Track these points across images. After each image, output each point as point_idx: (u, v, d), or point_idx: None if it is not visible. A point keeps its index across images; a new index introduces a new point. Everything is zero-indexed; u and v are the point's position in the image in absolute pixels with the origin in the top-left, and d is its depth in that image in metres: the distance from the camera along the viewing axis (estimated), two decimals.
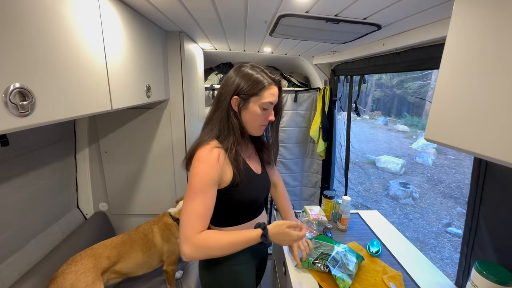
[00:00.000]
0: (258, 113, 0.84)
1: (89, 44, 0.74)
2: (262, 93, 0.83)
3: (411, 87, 10.32)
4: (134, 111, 1.50)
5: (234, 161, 0.83)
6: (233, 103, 0.84)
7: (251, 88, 0.82)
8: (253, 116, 0.85)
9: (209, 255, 0.77)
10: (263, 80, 0.83)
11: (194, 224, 0.74)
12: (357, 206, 5.22)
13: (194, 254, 0.74)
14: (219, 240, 0.76)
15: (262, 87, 0.82)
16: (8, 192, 1.05)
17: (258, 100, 0.83)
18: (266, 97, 0.83)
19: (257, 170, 0.95)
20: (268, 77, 0.84)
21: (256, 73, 0.84)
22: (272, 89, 0.84)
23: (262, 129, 0.91)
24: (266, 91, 0.83)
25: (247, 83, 0.82)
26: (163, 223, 1.40)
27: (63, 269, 1.07)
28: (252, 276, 0.97)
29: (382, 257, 1.11)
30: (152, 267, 1.37)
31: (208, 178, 0.77)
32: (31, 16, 0.54)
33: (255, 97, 0.83)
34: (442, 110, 0.57)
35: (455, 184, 5.93)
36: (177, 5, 0.95)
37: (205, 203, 0.77)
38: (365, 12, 0.89)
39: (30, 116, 0.53)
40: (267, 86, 0.83)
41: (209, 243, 0.75)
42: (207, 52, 1.99)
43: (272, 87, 0.84)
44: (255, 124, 0.87)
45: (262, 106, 0.83)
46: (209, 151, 0.78)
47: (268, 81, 0.83)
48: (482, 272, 0.73)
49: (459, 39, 0.54)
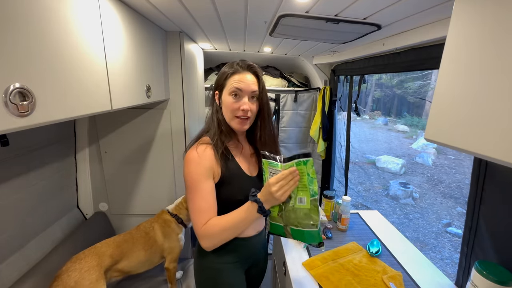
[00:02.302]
0: (229, 101, 0.83)
1: (89, 44, 0.74)
2: (228, 81, 0.83)
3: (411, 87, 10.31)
4: (134, 111, 1.50)
5: (221, 157, 0.83)
6: (216, 99, 0.88)
7: (222, 78, 0.85)
8: (226, 106, 0.85)
9: (222, 239, 0.80)
10: (230, 69, 0.84)
11: (199, 220, 0.79)
12: (357, 206, 5.22)
13: (209, 243, 0.79)
14: (222, 224, 0.79)
15: (227, 74, 0.84)
16: (8, 192, 1.05)
17: (227, 88, 0.84)
18: (231, 83, 0.83)
19: (250, 172, 0.92)
20: (238, 65, 0.85)
21: (232, 63, 0.86)
22: (238, 75, 0.83)
23: (240, 122, 0.85)
24: (232, 78, 0.83)
25: (220, 75, 0.86)
26: (163, 220, 1.42)
27: (67, 267, 1.08)
28: (239, 278, 0.95)
29: (382, 257, 1.11)
30: (153, 264, 1.38)
31: (196, 174, 0.80)
32: (31, 16, 0.54)
33: (225, 87, 0.84)
34: (442, 110, 0.57)
35: (455, 184, 5.93)
36: (177, 5, 0.95)
37: (203, 197, 0.80)
38: (365, 12, 0.89)
39: (30, 116, 0.53)
40: (232, 72, 0.83)
41: (215, 230, 0.78)
42: (207, 52, 1.98)
43: (238, 73, 0.83)
44: (228, 115, 0.85)
45: (231, 93, 0.83)
46: (193, 151, 0.82)
47: (234, 67, 0.84)
48: (482, 272, 0.73)
49: (459, 39, 0.54)
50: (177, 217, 1.43)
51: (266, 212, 0.77)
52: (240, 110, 0.83)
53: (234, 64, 0.86)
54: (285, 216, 0.79)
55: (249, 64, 0.86)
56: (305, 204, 0.76)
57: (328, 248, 1.16)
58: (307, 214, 0.76)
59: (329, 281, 0.95)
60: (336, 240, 1.23)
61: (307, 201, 0.75)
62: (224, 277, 0.91)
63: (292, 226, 0.79)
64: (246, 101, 0.83)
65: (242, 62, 0.86)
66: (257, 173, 0.94)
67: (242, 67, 0.85)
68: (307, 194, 0.75)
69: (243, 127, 0.87)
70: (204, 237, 0.79)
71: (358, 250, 1.14)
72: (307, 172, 0.74)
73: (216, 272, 0.91)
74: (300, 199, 0.76)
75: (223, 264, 0.91)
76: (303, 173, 0.74)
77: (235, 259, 0.93)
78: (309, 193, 0.75)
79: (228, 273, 0.92)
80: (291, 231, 0.80)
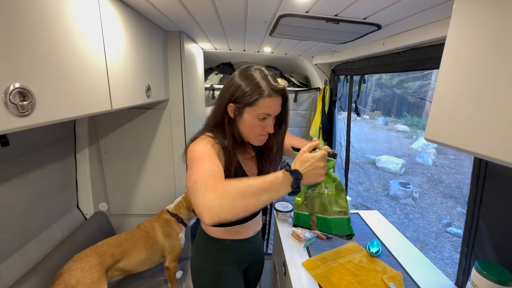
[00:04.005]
0: (254, 124, 0.77)
1: (89, 44, 0.74)
2: (258, 104, 0.74)
3: (411, 87, 10.32)
4: (134, 111, 1.50)
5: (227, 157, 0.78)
6: (229, 110, 0.79)
7: (247, 97, 0.74)
8: (249, 127, 0.79)
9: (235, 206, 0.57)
10: (261, 88, 0.74)
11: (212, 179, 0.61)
12: (357, 206, 5.22)
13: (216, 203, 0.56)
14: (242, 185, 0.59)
15: (258, 96, 0.74)
16: (8, 192, 1.05)
17: (254, 110, 0.75)
18: (262, 108, 0.75)
19: (252, 175, 0.89)
20: (268, 85, 0.75)
21: (256, 78, 0.75)
22: (270, 100, 0.75)
23: (262, 140, 0.83)
24: (263, 102, 0.74)
25: (244, 90, 0.74)
26: (163, 220, 1.42)
27: (68, 266, 1.08)
28: (237, 279, 0.95)
29: (382, 257, 1.11)
30: (154, 263, 1.39)
31: (208, 149, 0.71)
32: (31, 16, 0.54)
33: (250, 107, 0.75)
34: (442, 110, 0.57)
35: (455, 184, 5.93)
36: (177, 5, 0.95)
37: (215, 164, 0.67)
38: (365, 12, 0.89)
39: (30, 116, 0.53)
40: (264, 96, 0.74)
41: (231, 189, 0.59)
42: (207, 52, 1.98)
43: (271, 97, 0.75)
44: (250, 135, 0.81)
45: (258, 117, 0.76)
46: (202, 139, 0.76)
47: (267, 90, 0.74)
48: (482, 272, 0.73)
49: (459, 39, 0.54)
50: (177, 217, 1.44)
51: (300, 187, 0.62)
52: (264, 131, 0.80)
53: (266, 83, 0.74)
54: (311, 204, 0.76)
55: (281, 88, 0.77)
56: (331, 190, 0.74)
57: (328, 248, 1.16)
58: (334, 200, 0.74)
59: (329, 281, 0.95)
60: (336, 240, 1.23)
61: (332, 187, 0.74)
62: (223, 280, 0.91)
63: (318, 214, 0.75)
64: (271, 123, 0.80)
65: (275, 84, 0.76)
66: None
67: (275, 91, 0.75)
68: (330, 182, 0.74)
69: (262, 143, 0.84)
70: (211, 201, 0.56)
71: (358, 250, 1.14)
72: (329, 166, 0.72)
73: (215, 275, 0.90)
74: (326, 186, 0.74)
75: (221, 266, 0.90)
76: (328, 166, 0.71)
77: (233, 260, 0.93)
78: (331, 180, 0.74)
79: (226, 275, 0.91)
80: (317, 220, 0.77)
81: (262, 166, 0.92)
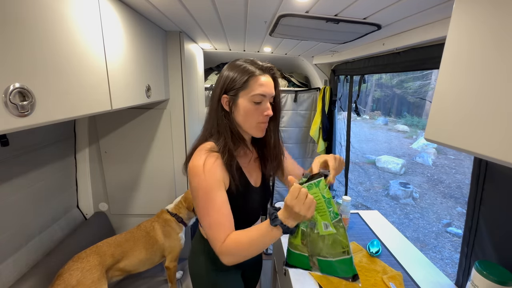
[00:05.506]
0: (251, 109, 0.74)
1: (89, 44, 0.74)
2: (250, 85, 0.73)
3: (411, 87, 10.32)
4: (134, 111, 1.50)
5: (228, 166, 0.75)
6: (223, 103, 0.76)
7: (238, 81, 0.72)
8: (246, 113, 0.75)
9: (245, 256, 0.70)
10: (250, 69, 0.73)
11: (218, 236, 0.70)
12: (357, 206, 5.22)
13: (231, 260, 0.70)
14: (244, 241, 0.69)
15: (248, 76, 0.72)
16: (8, 192, 1.05)
17: (247, 93, 0.73)
18: (255, 88, 0.73)
19: (255, 182, 0.87)
20: (256, 66, 0.74)
21: (243, 64, 0.74)
22: (261, 79, 0.73)
23: (263, 128, 0.79)
24: (254, 81, 0.73)
25: (233, 77, 0.73)
26: (163, 220, 1.42)
27: (69, 266, 1.08)
28: (236, 280, 0.95)
29: (382, 257, 1.11)
30: (154, 263, 1.39)
31: (209, 187, 0.71)
32: (31, 16, 0.54)
33: (243, 91, 0.73)
34: (442, 110, 0.57)
35: (455, 184, 5.93)
36: (177, 5, 0.95)
37: (219, 210, 0.71)
38: (365, 12, 0.89)
39: (30, 116, 0.53)
40: (256, 75, 0.73)
41: (237, 248, 0.69)
42: (207, 52, 1.99)
43: (262, 76, 0.74)
44: (250, 122, 0.77)
45: (253, 100, 0.73)
46: (201, 160, 0.72)
47: (257, 70, 0.73)
48: (482, 272, 0.73)
49: (459, 39, 0.54)
50: (177, 216, 1.44)
51: (292, 229, 0.67)
52: (263, 116, 0.76)
53: (251, 65, 0.74)
54: (311, 245, 0.71)
55: (269, 66, 0.76)
56: (331, 229, 0.69)
57: None
58: (335, 240, 0.69)
59: (329, 281, 0.95)
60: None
61: (331, 225, 0.69)
62: (221, 282, 0.91)
63: (320, 257, 0.71)
64: (269, 106, 0.76)
65: (262, 63, 0.76)
66: (260, 182, 0.90)
67: (264, 69, 0.75)
68: (328, 219, 0.69)
69: (264, 133, 0.80)
70: (226, 254, 0.69)
71: (358, 250, 1.14)
72: (322, 194, 0.67)
73: (214, 278, 0.90)
74: (325, 224, 0.69)
75: (219, 270, 0.90)
76: (318, 197, 0.67)
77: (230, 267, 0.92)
78: (329, 217, 0.69)
79: (225, 277, 0.91)
80: (319, 263, 0.72)
81: (265, 168, 0.90)
